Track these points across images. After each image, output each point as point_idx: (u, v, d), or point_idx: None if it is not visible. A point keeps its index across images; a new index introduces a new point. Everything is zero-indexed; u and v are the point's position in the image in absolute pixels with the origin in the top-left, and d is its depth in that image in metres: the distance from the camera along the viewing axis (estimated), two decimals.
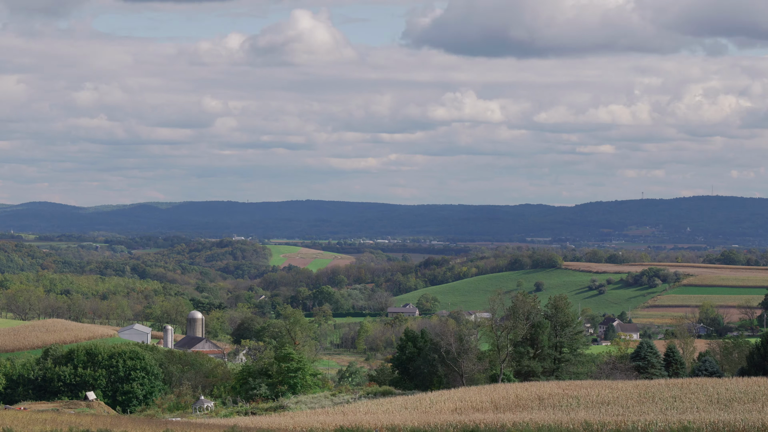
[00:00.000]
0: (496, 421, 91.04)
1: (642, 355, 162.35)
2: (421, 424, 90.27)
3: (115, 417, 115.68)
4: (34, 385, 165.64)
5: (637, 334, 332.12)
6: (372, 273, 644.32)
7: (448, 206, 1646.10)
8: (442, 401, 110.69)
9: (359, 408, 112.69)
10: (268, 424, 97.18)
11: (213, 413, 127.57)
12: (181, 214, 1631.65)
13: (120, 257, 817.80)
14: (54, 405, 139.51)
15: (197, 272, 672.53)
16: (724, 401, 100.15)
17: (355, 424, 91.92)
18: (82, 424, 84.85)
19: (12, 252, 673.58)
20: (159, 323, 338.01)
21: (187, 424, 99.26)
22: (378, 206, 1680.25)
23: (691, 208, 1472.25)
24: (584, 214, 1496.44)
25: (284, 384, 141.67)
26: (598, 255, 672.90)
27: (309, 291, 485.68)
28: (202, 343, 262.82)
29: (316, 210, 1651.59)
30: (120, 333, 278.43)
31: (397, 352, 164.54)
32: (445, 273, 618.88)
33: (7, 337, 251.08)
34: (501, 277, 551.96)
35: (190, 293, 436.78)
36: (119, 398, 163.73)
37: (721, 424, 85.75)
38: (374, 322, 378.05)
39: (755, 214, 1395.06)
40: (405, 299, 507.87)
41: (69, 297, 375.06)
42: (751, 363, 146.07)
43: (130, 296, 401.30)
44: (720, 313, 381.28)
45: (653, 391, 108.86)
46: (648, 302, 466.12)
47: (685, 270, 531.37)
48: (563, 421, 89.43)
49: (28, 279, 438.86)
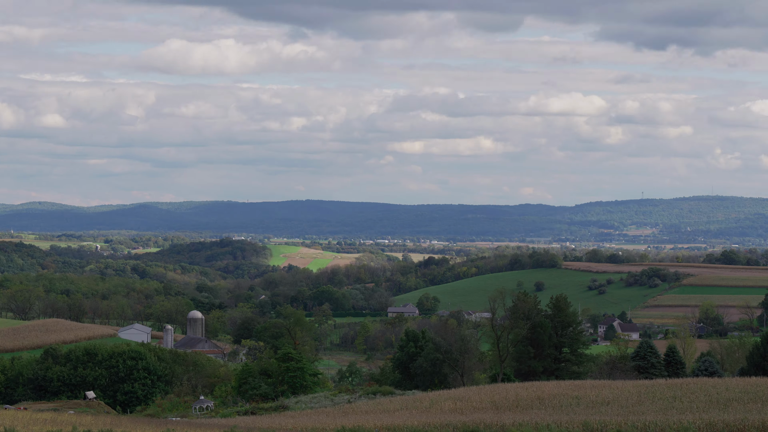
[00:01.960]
0: (496, 421, 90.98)
1: (642, 355, 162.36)
2: (421, 424, 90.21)
3: (116, 417, 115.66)
4: (34, 384, 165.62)
5: (637, 334, 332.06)
6: (372, 273, 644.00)
7: (448, 206, 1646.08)
8: (442, 401, 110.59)
9: (359, 408, 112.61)
10: (268, 424, 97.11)
11: (213, 413, 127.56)
12: (181, 214, 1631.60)
13: (120, 257, 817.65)
14: (54, 405, 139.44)
15: (197, 272, 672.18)
16: (724, 401, 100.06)
17: (355, 424, 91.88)
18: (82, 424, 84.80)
19: (12, 252, 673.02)
20: (159, 323, 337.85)
21: (187, 424, 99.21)
22: (378, 206, 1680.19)
23: (691, 208, 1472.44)
24: (584, 214, 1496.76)
25: (284, 384, 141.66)
26: (598, 255, 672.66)
27: (309, 291, 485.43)
28: (203, 343, 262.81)
29: (316, 210, 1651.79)
30: (120, 333, 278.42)
31: (397, 351, 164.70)
32: (445, 273, 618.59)
33: (7, 337, 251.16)
34: (501, 277, 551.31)
35: (190, 293, 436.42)
36: (119, 398, 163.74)
37: (721, 424, 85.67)
38: (374, 322, 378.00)
39: (755, 214, 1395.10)
40: (405, 299, 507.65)
41: (69, 297, 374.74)
42: (751, 363, 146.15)
43: (130, 296, 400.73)
44: (720, 313, 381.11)
45: (653, 391, 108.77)
46: (648, 302, 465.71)
47: (685, 270, 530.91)
48: (563, 421, 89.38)
49: (28, 279, 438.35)
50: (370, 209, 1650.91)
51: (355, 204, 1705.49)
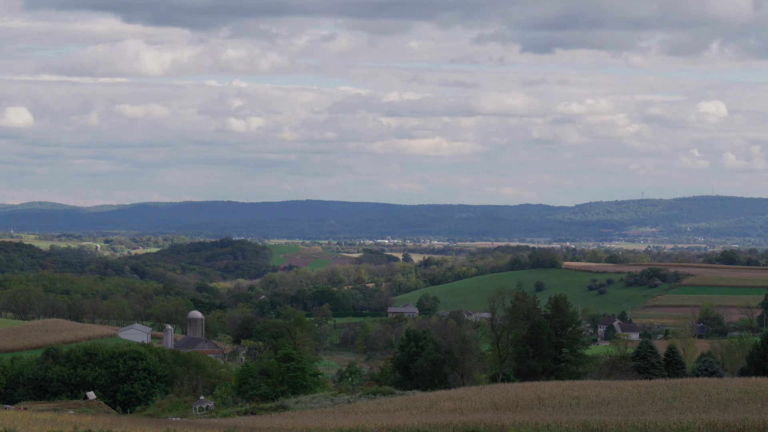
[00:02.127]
0: (496, 421, 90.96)
1: (642, 355, 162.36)
2: (421, 424, 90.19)
3: (116, 417, 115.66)
4: (34, 384, 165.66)
5: (637, 334, 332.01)
6: (372, 273, 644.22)
7: (448, 206, 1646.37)
8: (442, 401, 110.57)
9: (359, 408, 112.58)
10: (268, 424, 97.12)
11: (213, 413, 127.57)
12: (181, 214, 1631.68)
13: (120, 257, 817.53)
14: (54, 405, 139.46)
15: (197, 272, 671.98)
16: (724, 401, 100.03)
17: (355, 424, 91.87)
18: (83, 424, 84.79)
19: (12, 252, 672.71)
20: (159, 323, 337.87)
21: (187, 424, 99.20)
22: (378, 206, 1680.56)
23: (691, 208, 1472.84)
24: (584, 214, 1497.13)
25: (284, 384, 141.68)
26: (598, 255, 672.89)
27: (309, 291, 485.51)
28: (203, 343, 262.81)
29: (316, 210, 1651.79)
30: (120, 333, 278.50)
31: (397, 351, 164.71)
32: (445, 273, 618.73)
33: (7, 337, 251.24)
34: (501, 277, 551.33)
35: (190, 293, 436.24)
36: (119, 398, 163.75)
37: (721, 424, 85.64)
38: (374, 322, 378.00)
39: (755, 214, 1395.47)
40: (405, 299, 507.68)
41: (69, 297, 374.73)
42: (751, 363, 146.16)
43: (130, 296, 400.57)
44: (720, 313, 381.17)
45: (653, 391, 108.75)
46: (648, 302, 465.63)
47: (685, 270, 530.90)
48: (563, 421, 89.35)
49: (28, 279, 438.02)
50: (370, 209, 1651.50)
51: (355, 204, 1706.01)
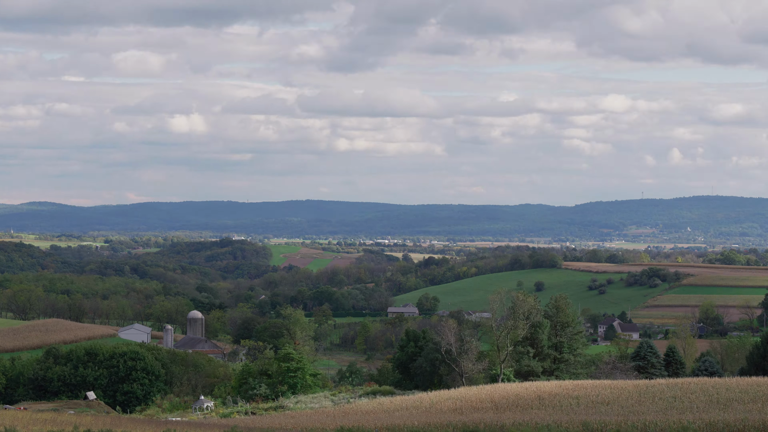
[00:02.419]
0: (496, 421, 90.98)
1: (642, 355, 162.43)
2: (421, 424, 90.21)
3: (116, 417, 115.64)
4: (34, 385, 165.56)
5: (637, 334, 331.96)
6: (372, 273, 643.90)
7: (448, 206, 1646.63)
8: (442, 401, 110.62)
9: (359, 408, 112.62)
10: (268, 424, 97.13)
11: (213, 413, 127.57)
12: (181, 214, 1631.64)
13: (120, 257, 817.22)
14: (54, 405, 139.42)
15: (197, 272, 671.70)
16: (724, 401, 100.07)
17: (355, 424, 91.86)
18: (83, 424, 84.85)
19: (12, 252, 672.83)
20: (159, 323, 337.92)
21: (187, 424, 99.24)
22: (378, 206, 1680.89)
23: (691, 208, 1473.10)
24: (584, 214, 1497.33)
25: (284, 384, 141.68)
26: (598, 255, 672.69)
27: (309, 291, 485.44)
28: (203, 344, 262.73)
29: (316, 210, 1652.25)
30: (120, 333, 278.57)
31: (397, 351, 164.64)
32: (445, 273, 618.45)
33: (7, 337, 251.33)
34: (501, 276, 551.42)
35: (190, 293, 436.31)
36: (119, 398, 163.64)
37: (721, 424, 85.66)
38: (374, 322, 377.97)
39: (755, 214, 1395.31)
40: (405, 299, 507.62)
41: (69, 297, 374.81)
42: (751, 363, 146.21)
43: (130, 296, 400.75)
44: (720, 313, 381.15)
45: (653, 391, 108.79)
46: (648, 302, 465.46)
47: (685, 270, 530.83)
48: (563, 421, 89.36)
49: (28, 279, 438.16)
50: (370, 209, 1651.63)
51: (355, 204, 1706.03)
